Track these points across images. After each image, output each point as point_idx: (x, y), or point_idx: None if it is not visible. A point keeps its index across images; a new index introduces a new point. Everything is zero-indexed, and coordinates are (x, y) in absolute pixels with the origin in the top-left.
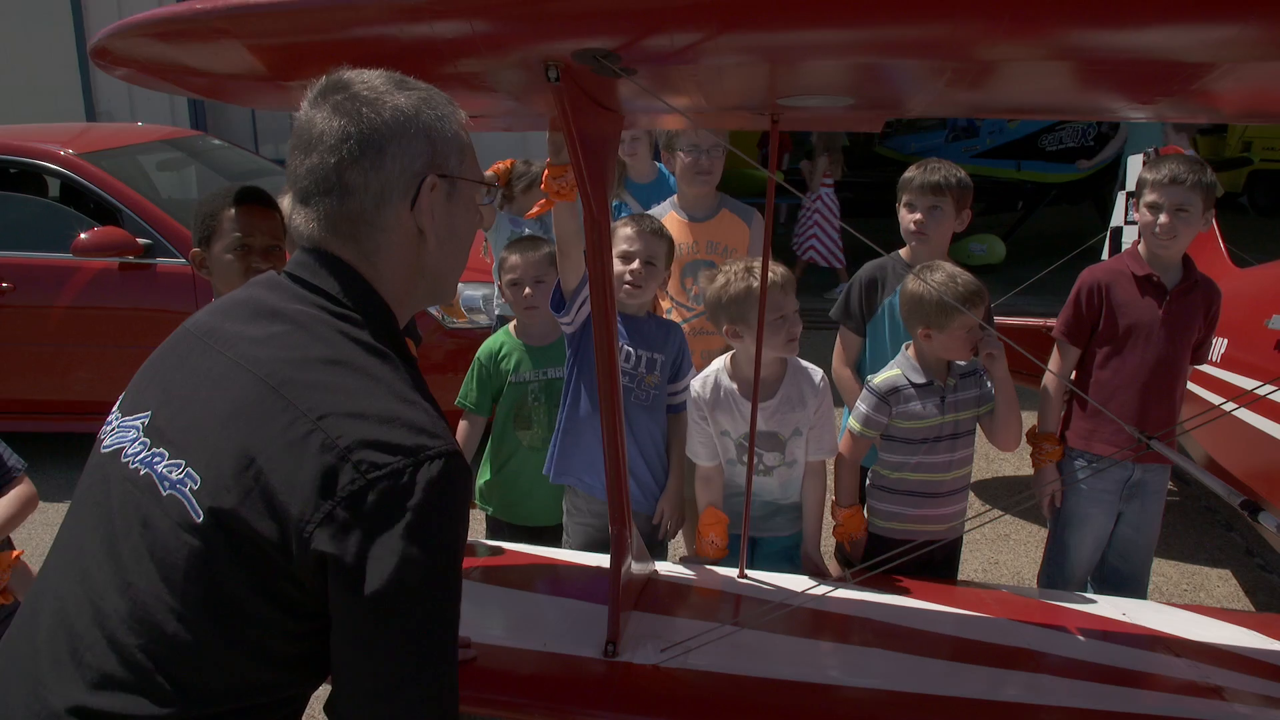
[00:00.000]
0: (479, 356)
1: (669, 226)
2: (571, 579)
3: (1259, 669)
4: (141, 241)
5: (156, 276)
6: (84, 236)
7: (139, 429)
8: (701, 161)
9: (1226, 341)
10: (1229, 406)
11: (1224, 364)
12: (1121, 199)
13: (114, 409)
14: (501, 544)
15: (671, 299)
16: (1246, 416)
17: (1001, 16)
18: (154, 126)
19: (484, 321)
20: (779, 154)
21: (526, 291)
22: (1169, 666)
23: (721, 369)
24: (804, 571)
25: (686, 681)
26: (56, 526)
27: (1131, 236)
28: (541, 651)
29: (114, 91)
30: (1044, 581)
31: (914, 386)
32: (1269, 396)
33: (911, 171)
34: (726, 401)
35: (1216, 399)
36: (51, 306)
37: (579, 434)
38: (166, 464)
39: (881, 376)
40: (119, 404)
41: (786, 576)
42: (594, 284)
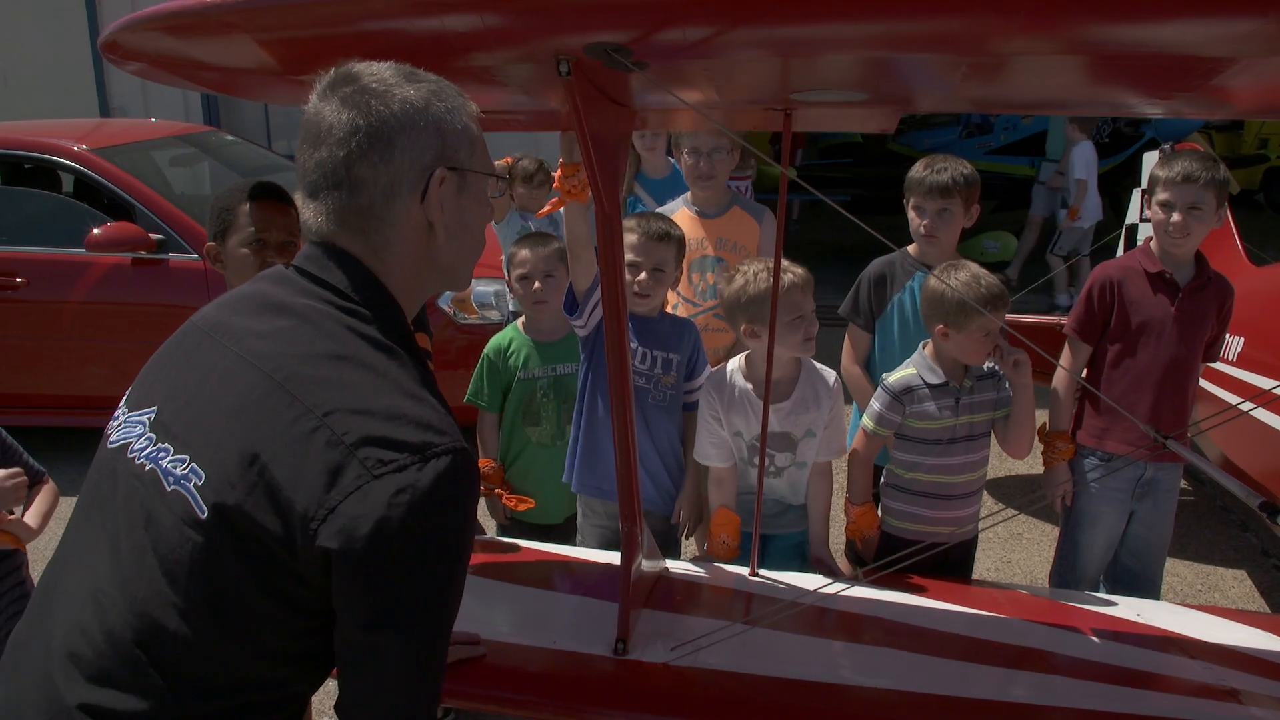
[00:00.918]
0: (487, 352)
1: (680, 222)
2: (581, 576)
3: (1275, 672)
4: (154, 237)
5: (169, 272)
6: (97, 232)
7: (145, 424)
8: (701, 165)
9: (1243, 340)
10: (1246, 406)
11: (1240, 363)
12: (1136, 196)
13: (121, 404)
14: (513, 540)
15: (679, 294)
16: (1263, 416)
17: (1017, 10)
18: (167, 122)
19: (495, 317)
20: (792, 150)
21: (536, 285)
22: (1183, 668)
23: (736, 369)
24: (815, 570)
25: (696, 680)
26: (67, 520)
27: (1146, 233)
28: (551, 649)
29: (127, 87)
30: (1056, 581)
31: (929, 387)
32: None
33: (918, 171)
34: (741, 402)
35: (1233, 398)
36: (65, 302)
37: (596, 441)
38: (172, 459)
39: (896, 375)
40: (126, 399)
41: (798, 575)
42: (606, 280)
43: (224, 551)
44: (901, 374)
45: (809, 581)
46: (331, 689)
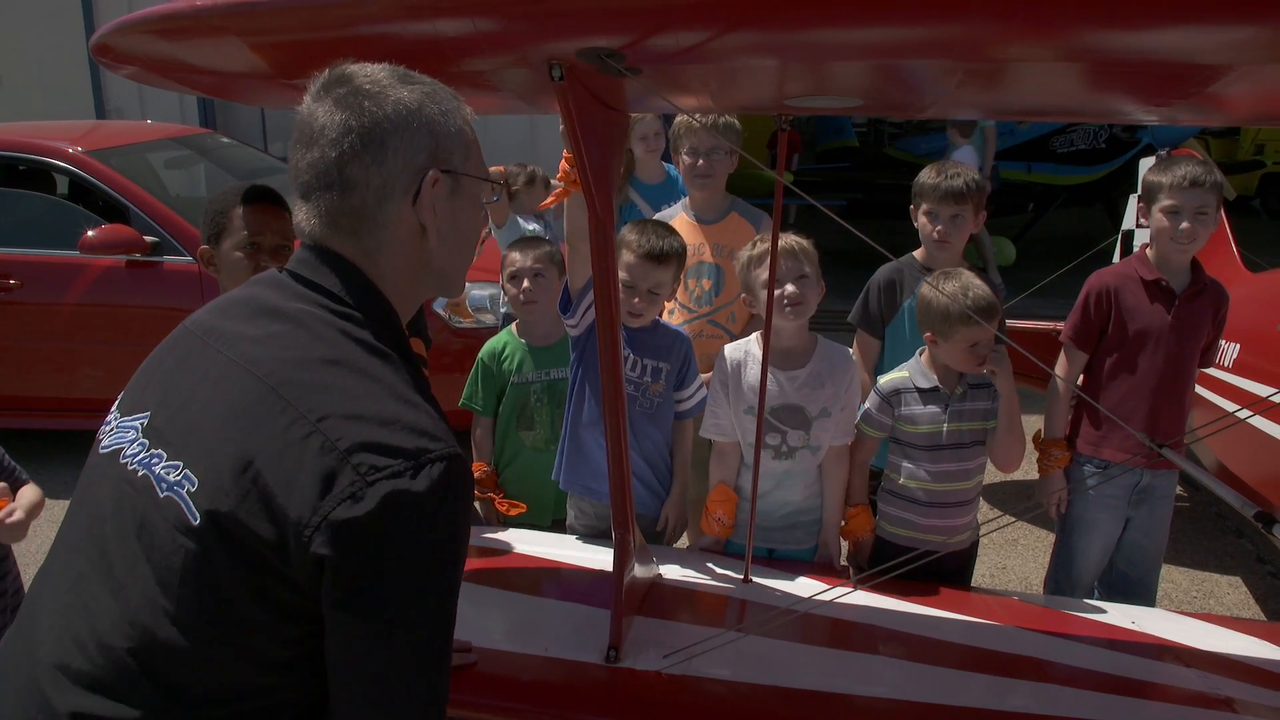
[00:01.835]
0: (481, 357)
1: (678, 228)
2: (574, 583)
3: (1271, 680)
4: (149, 239)
5: (164, 274)
6: (91, 234)
7: (138, 429)
8: (699, 164)
9: (1239, 346)
10: (1243, 414)
11: (1236, 369)
12: (1133, 202)
13: (113, 408)
14: (503, 538)
15: (675, 300)
16: (1259, 423)
17: (1014, 17)
18: (163, 124)
19: (490, 321)
20: (788, 155)
21: (525, 284)
22: (1179, 677)
23: (754, 340)
24: (819, 560)
25: (689, 688)
26: (59, 526)
27: (1143, 240)
28: (543, 656)
29: (123, 89)
30: (1051, 587)
31: (918, 390)
32: None
33: (929, 177)
34: (756, 373)
35: (1229, 405)
36: (59, 304)
37: (583, 440)
38: (164, 465)
39: (888, 377)
40: (118, 404)
41: (792, 582)
42: (598, 284)
43: (216, 559)
44: (893, 376)
45: (803, 588)
46: None
